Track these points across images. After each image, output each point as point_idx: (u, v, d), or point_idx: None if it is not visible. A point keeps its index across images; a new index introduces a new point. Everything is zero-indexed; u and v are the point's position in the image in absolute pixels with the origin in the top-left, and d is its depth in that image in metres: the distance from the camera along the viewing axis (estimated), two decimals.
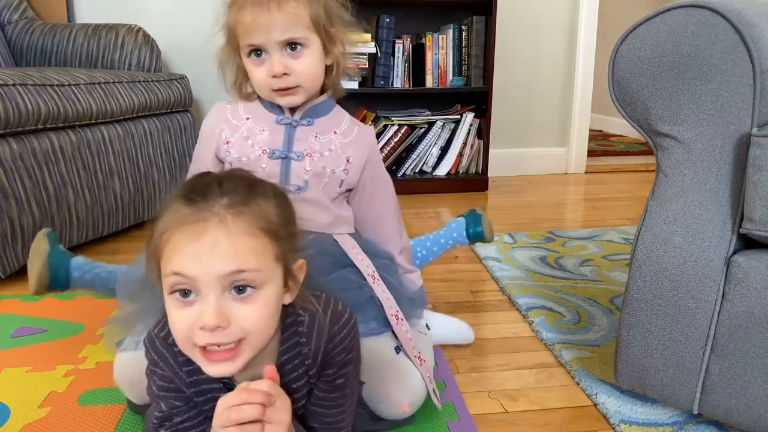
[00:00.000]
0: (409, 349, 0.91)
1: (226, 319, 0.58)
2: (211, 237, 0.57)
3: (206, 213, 0.58)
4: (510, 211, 2.27)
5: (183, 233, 0.58)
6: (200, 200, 0.59)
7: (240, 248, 0.58)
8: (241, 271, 0.58)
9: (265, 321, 0.61)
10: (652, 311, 0.86)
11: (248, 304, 0.59)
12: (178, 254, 0.58)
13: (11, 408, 0.97)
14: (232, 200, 0.59)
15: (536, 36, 2.79)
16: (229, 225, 0.58)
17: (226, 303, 0.59)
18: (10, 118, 1.40)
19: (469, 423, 0.94)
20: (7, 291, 1.46)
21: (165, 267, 0.59)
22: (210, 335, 0.58)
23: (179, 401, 0.68)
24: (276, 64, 0.85)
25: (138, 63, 2.05)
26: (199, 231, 0.57)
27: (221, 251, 0.57)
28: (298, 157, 0.91)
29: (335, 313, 0.70)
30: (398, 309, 0.92)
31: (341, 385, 0.71)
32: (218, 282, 0.58)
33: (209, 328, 0.57)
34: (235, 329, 0.59)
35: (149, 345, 0.69)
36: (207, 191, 0.60)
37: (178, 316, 0.60)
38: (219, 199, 0.59)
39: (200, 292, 0.58)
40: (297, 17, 0.84)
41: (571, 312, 1.33)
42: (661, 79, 0.82)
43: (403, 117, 2.55)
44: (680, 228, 0.83)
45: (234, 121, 0.93)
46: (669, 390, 0.87)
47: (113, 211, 1.77)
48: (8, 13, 2.13)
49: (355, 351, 0.72)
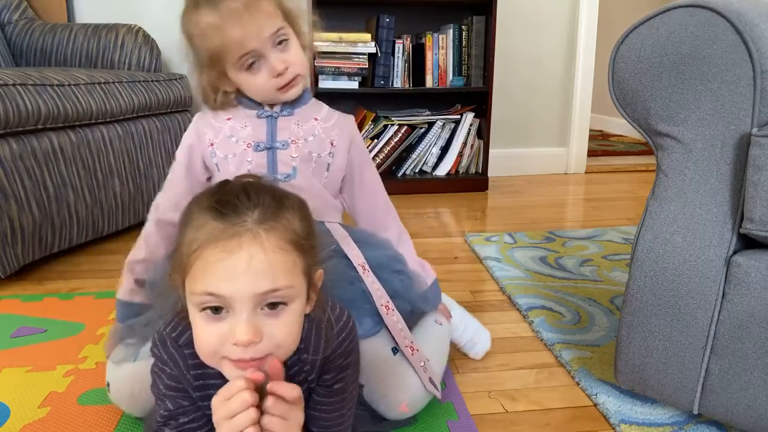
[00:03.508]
0: (400, 339, 0.91)
1: (259, 334, 0.57)
2: (245, 253, 0.55)
3: (239, 228, 0.56)
4: (510, 211, 2.27)
5: (215, 250, 0.56)
6: (231, 214, 0.56)
7: (274, 265, 0.57)
8: (275, 290, 0.57)
9: (294, 335, 0.61)
10: (652, 311, 0.86)
11: (279, 320, 0.59)
12: (210, 272, 0.56)
13: (11, 408, 0.97)
14: (263, 214, 0.57)
15: (536, 36, 2.79)
16: (263, 241, 0.56)
17: (258, 319, 0.58)
18: (10, 118, 1.40)
19: (469, 423, 0.94)
20: (7, 291, 1.46)
21: (194, 285, 0.57)
22: (243, 350, 0.58)
23: (186, 401, 0.68)
24: (275, 62, 0.88)
25: (138, 63, 2.05)
26: (232, 247, 0.55)
27: (256, 269, 0.56)
28: (284, 146, 0.93)
29: (334, 320, 0.70)
30: (389, 300, 0.92)
31: (340, 390, 0.71)
32: (252, 300, 0.56)
33: (243, 344, 0.57)
34: (267, 344, 0.59)
35: (160, 344, 0.68)
36: (237, 204, 0.57)
37: (207, 330, 0.59)
38: (251, 212, 0.57)
39: (233, 309, 0.57)
40: (272, 12, 0.87)
41: (571, 312, 1.33)
42: (661, 78, 0.82)
43: (403, 117, 2.55)
44: (680, 228, 0.82)
45: (216, 124, 0.96)
46: (669, 390, 0.87)
47: (113, 211, 1.77)
48: (8, 13, 2.13)
49: (353, 355, 0.72)
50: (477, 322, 1.17)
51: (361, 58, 2.39)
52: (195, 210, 0.59)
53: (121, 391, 0.89)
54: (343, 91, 2.40)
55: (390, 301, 0.92)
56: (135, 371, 0.86)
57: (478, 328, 1.16)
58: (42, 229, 1.53)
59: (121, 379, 0.89)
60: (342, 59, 2.38)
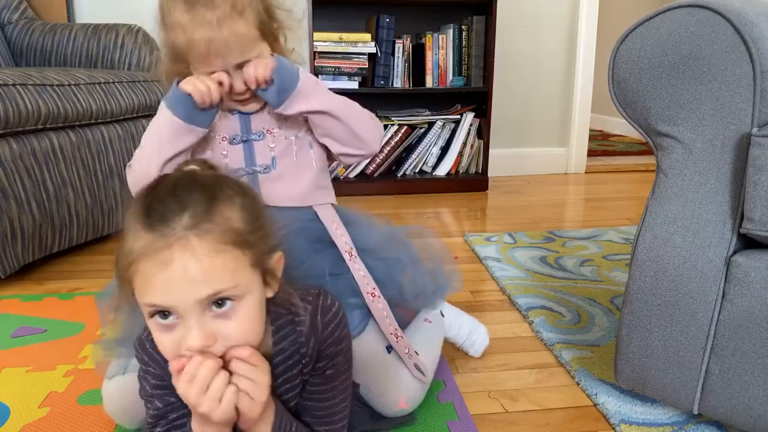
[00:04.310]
0: (385, 327, 0.90)
1: (211, 337, 0.57)
2: (178, 264, 0.54)
3: (169, 238, 0.55)
4: (510, 211, 2.27)
5: (148, 263, 0.55)
6: (159, 224, 0.55)
7: (211, 269, 0.56)
8: (217, 293, 0.56)
9: (249, 331, 0.61)
10: (652, 311, 0.86)
11: (231, 319, 0.58)
12: (149, 286, 0.56)
13: (11, 408, 0.97)
14: (193, 217, 0.56)
15: (536, 36, 2.79)
16: (194, 248, 0.55)
17: (208, 322, 0.57)
18: (10, 118, 1.40)
19: (469, 423, 0.94)
20: (7, 291, 1.46)
21: (140, 296, 0.57)
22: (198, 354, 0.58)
23: (173, 397, 0.68)
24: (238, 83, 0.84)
25: (138, 63, 2.05)
26: (165, 260, 0.54)
27: (192, 278, 0.55)
28: (259, 137, 0.91)
29: (324, 308, 0.70)
30: (375, 287, 0.91)
31: (331, 377, 0.71)
32: (196, 306, 0.56)
33: (196, 350, 0.57)
34: (222, 345, 0.58)
35: (139, 348, 0.69)
36: (165, 211, 0.56)
37: (162, 339, 0.59)
38: (179, 218, 0.55)
39: (180, 317, 0.57)
40: (243, 36, 0.82)
41: (571, 312, 1.33)
42: (662, 79, 0.82)
43: (403, 117, 2.55)
44: (680, 228, 0.82)
45: None
46: (669, 390, 0.87)
47: (113, 211, 1.77)
48: (8, 13, 2.13)
49: (344, 342, 0.72)
50: (471, 319, 1.17)
51: (361, 58, 2.39)
52: (130, 216, 0.58)
53: (114, 404, 0.88)
54: (342, 91, 2.39)
55: (376, 288, 0.91)
56: (125, 383, 0.86)
57: (474, 324, 1.16)
58: (42, 229, 1.53)
59: (112, 392, 0.88)
60: (342, 59, 2.38)
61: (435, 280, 0.98)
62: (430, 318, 1.06)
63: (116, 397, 0.88)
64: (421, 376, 0.92)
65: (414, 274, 0.96)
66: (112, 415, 0.90)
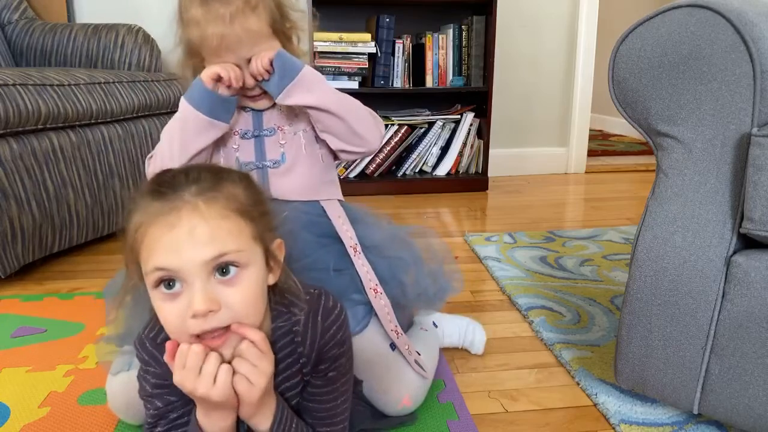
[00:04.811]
0: (386, 323, 0.91)
1: (215, 302, 0.58)
2: (186, 224, 0.57)
3: (178, 202, 0.58)
4: (510, 211, 2.27)
5: (157, 226, 0.57)
6: (169, 192, 0.58)
7: (217, 231, 0.58)
8: (222, 254, 0.58)
9: (252, 301, 0.62)
10: (652, 311, 0.86)
11: (235, 286, 0.59)
12: (156, 248, 0.57)
13: (11, 408, 0.97)
14: (201, 188, 0.59)
15: (536, 36, 2.79)
16: (202, 210, 0.58)
17: (212, 288, 0.58)
18: (10, 118, 1.40)
19: (469, 423, 0.94)
20: (7, 291, 1.46)
21: (145, 264, 0.59)
22: (203, 321, 0.58)
23: (173, 396, 0.68)
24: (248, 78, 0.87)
25: (138, 63, 2.05)
26: (173, 221, 0.57)
27: (199, 237, 0.57)
28: (270, 133, 0.93)
29: (326, 310, 0.70)
30: (377, 283, 0.92)
31: (333, 378, 0.71)
32: (202, 268, 0.57)
33: (201, 314, 0.57)
34: (226, 313, 0.59)
35: (140, 347, 0.69)
36: (174, 183, 0.59)
37: (166, 310, 0.59)
38: (187, 188, 0.59)
39: (185, 282, 0.58)
40: (255, 31, 0.85)
41: (571, 312, 1.33)
42: (662, 78, 0.82)
43: (403, 117, 2.55)
44: (680, 228, 0.83)
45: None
46: (669, 390, 0.87)
47: (113, 211, 1.77)
48: (8, 13, 2.13)
49: (346, 344, 0.72)
50: (463, 319, 1.17)
51: (361, 58, 2.39)
52: (137, 197, 0.61)
53: (118, 400, 0.89)
54: (342, 91, 2.39)
55: (379, 284, 0.92)
56: (130, 379, 0.86)
57: (467, 324, 1.16)
58: (42, 229, 1.53)
59: (116, 388, 0.89)
60: (342, 59, 2.38)
61: (436, 281, 0.99)
62: (425, 327, 1.07)
63: (120, 393, 0.88)
64: (422, 371, 0.93)
65: (416, 274, 0.96)
66: (116, 411, 0.90)
